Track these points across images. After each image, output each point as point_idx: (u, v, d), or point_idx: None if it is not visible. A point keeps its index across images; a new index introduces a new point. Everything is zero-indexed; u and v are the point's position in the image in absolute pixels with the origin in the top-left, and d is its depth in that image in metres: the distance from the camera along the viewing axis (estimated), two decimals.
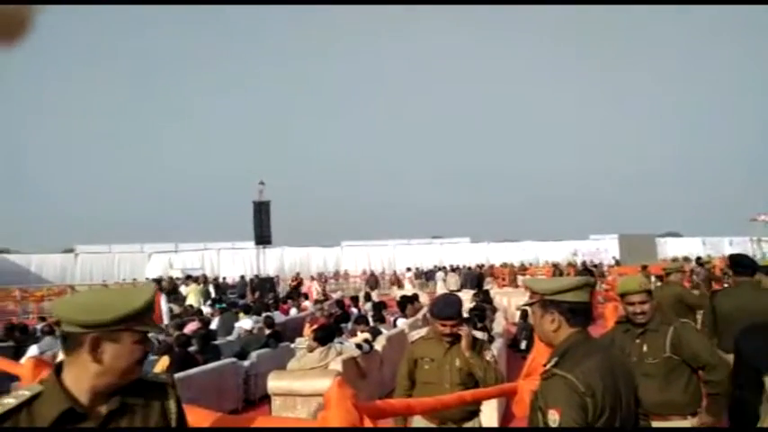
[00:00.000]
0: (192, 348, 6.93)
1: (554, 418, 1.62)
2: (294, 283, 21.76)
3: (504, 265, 26.87)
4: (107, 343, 1.25)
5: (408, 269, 27.81)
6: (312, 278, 24.35)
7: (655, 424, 2.88)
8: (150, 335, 1.60)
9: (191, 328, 8.71)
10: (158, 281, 21.17)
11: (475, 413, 3.15)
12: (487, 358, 3.11)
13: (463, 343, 3.07)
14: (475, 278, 19.76)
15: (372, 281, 23.30)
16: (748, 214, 27.53)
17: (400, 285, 24.06)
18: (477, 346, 3.13)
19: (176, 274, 24.70)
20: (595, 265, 24.51)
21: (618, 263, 26.38)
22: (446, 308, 3.15)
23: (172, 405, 1.41)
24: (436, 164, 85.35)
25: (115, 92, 79.55)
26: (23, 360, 6.06)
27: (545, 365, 1.79)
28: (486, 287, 17.14)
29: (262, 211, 22.57)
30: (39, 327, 9.82)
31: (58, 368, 1.29)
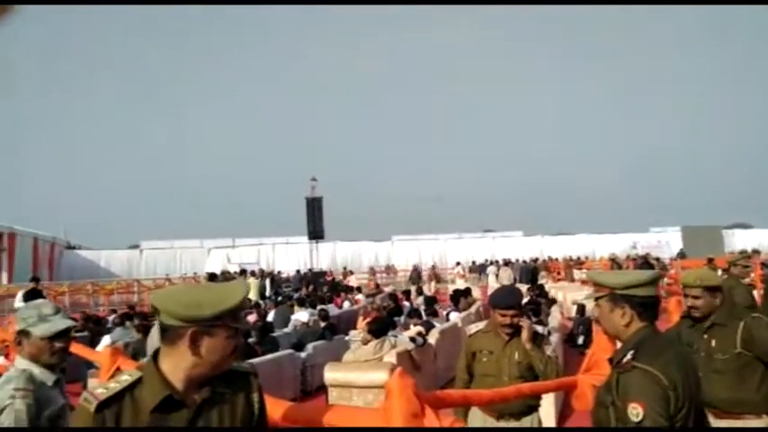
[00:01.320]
0: (251, 340, 7.18)
1: (637, 411, 1.59)
2: (330, 278, 22.08)
3: (554, 259, 26.25)
4: (204, 337, 1.32)
5: (458, 263, 27.60)
6: (350, 272, 24.64)
7: (727, 422, 2.76)
8: None
9: (250, 320, 9.03)
10: (216, 275, 21.95)
11: (534, 408, 3.11)
12: (548, 353, 3.07)
13: (524, 335, 3.04)
14: (529, 272, 19.39)
15: (414, 276, 22.92)
16: None
17: (438, 280, 23.61)
18: (537, 341, 3.10)
19: (234, 268, 25.56)
20: (657, 259, 23.50)
21: (683, 255, 25.26)
22: (506, 297, 3.13)
23: (255, 394, 1.49)
24: (488, 156, 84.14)
25: (170, 96, 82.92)
26: (100, 348, 6.48)
27: (617, 360, 1.77)
28: (540, 281, 16.80)
29: (314, 207, 23.07)
30: (110, 318, 10.45)
31: (155, 356, 1.38)
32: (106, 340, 7.64)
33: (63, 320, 2.15)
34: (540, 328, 3.37)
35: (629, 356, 1.73)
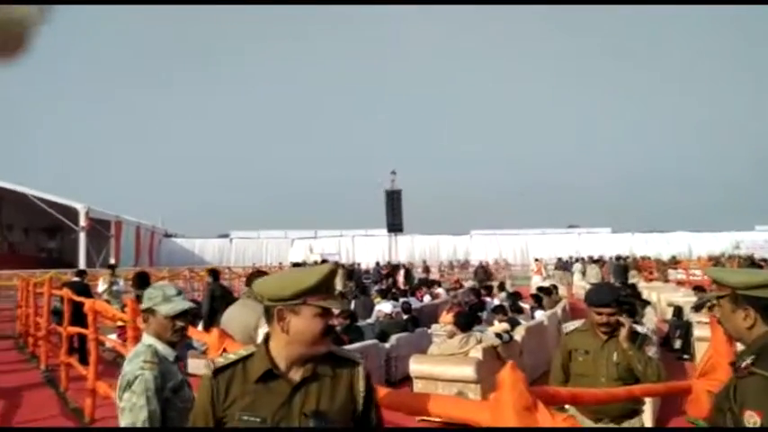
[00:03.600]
0: (336, 328, 7.38)
1: (754, 420, 1.49)
2: (385, 271, 22.03)
3: (646, 257, 24.73)
4: (290, 315, 1.44)
5: (536, 259, 26.74)
6: (428, 267, 24.45)
7: None
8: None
9: None
10: (299, 264, 22.75)
11: (636, 411, 2.97)
12: (649, 353, 2.92)
13: (622, 333, 2.90)
14: (621, 271, 18.40)
15: (481, 273, 21.65)
16: None
17: (489, 277, 22.27)
18: (638, 341, 2.95)
19: (316, 258, 26.40)
20: (764, 260, 21.53)
21: None
22: (602, 295, 3.01)
23: (360, 383, 1.52)
24: (575, 150, 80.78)
25: (258, 98, 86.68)
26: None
27: (737, 364, 1.65)
28: (630, 281, 15.93)
29: (394, 200, 23.29)
30: None
31: (267, 336, 1.53)
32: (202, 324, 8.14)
33: (184, 301, 2.32)
34: (642, 329, 3.21)
35: (748, 361, 1.61)
